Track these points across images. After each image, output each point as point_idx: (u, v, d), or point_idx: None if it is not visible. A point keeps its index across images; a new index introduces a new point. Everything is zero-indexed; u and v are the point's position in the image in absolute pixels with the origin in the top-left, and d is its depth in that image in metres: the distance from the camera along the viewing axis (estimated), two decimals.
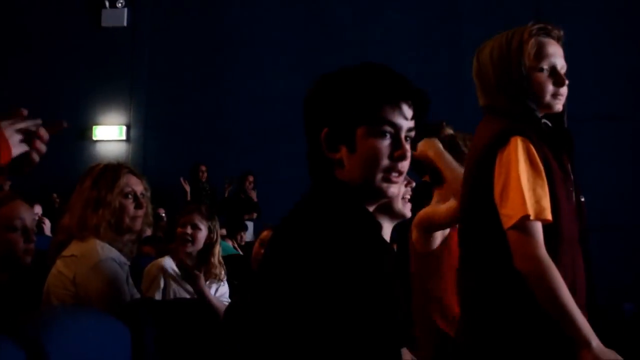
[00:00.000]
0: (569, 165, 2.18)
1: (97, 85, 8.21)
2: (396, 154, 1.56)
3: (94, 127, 8.31)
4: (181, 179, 6.99)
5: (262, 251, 3.82)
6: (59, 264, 2.49)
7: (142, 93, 8.25)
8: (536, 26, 2.21)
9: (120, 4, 8.27)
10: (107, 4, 8.28)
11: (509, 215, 2.06)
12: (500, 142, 2.13)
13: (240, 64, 7.84)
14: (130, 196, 2.60)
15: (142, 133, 8.29)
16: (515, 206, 2.06)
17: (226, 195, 7.51)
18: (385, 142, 1.55)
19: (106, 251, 2.49)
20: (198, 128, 7.88)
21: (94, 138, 8.32)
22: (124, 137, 8.29)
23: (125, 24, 8.32)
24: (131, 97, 8.30)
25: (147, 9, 8.20)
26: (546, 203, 2.07)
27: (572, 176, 2.19)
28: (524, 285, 2.04)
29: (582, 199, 2.21)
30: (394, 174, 1.56)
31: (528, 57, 2.21)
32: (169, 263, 3.42)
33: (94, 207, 2.53)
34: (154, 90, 8.16)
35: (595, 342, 1.99)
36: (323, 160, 1.57)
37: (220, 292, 3.47)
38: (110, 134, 8.30)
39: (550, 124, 2.26)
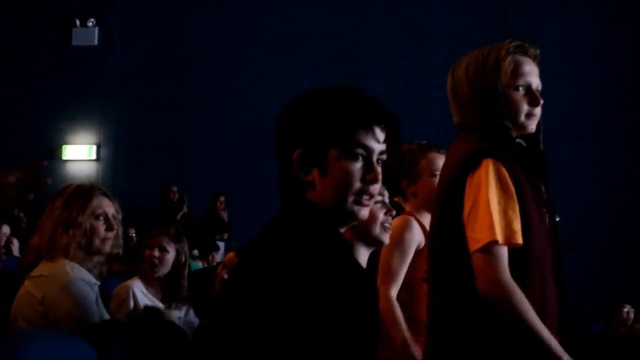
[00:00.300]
0: (542, 186, 2.18)
1: (67, 104, 8.16)
2: (368, 177, 1.56)
3: (63, 146, 8.25)
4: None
5: (224, 273, 3.80)
6: (27, 284, 2.46)
7: (112, 112, 8.21)
8: (513, 44, 2.21)
9: (91, 23, 8.24)
10: (77, 22, 8.24)
11: (476, 238, 2.05)
12: (472, 163, 2.12)
13: (211, 83, 7.83)
14: (101, 218, 2.58)
15: (113, 152, 8.24)
16: (483, 230, 2.05)
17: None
18: (358, 165, 1.55)
19: (76, 272, 2.46)
20: (169, 147, 7.85)
21: (64, 157, 8.25)
22: (94, 157, 8.23)
23: (95, 42, 8.28)
24: (101, 117, 8.25)
25: (118, 27, 8.18)
26: (517, 226, 2.07)
27: (545, 197, 2.19)
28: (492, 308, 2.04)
29: (557, 219, 2.21)
30: (365, 197, 1.57)
31: (505, 74, 2.20)
32: (138, 285, 3.39)
33: (64, 227, 2.50)
34: (124, 109, 8.12)
35: (566, 357, 1.99)
36: (294, 182, 1.56)
37: (190, 315, 3.44)
38: (80, 153, 8.24)
39: (524, 144, 2.26)
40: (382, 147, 1.59)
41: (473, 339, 2.11)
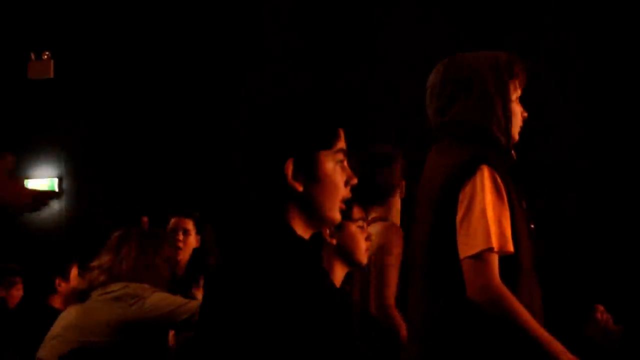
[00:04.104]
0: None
1: (27, 138, 8.05)
2: (352, 181, 1.57)
3: (24, 180, 8.12)
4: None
5: None
6: None
7: (73, 145, 8.12)
8: (516, 57, 2.25)
9: (46, 56, 8.15)
10: (32, 56, 8.16)
11: (469, 244, 2.07)
12: (468, 169, 2.14)
13: (172, 113, 7.78)
14: None
15: (75, 185, 8.14)
16: (478, 236, 2.07)
17: None
18: (340, 170, 1.56)
19: None
20: (134, 178, 7.78)
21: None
22: (55, 190, 8.12)
23: (52, 75, 8.18)
24: (62, 149, 8.16)
25: (74, 60, 8.10)
26: (509, 234, 2.10)
27: (524, 204, 2.22)
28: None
29: (532, 226, 2.24)
30: (343, 202, 1.57)
31: (514, 88, 2.23)
32: None
33: None
34: (85, 141, 8.04)
35: (564, 356, 2.01)
36: (280, 194, 1.55)
37: None
38: (41, 186, 8.09)
39: (514, 154, 2.29)
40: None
41: (465, 346, 2.12)
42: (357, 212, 2.72)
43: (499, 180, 2.12)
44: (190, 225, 4.42)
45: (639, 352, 4.29)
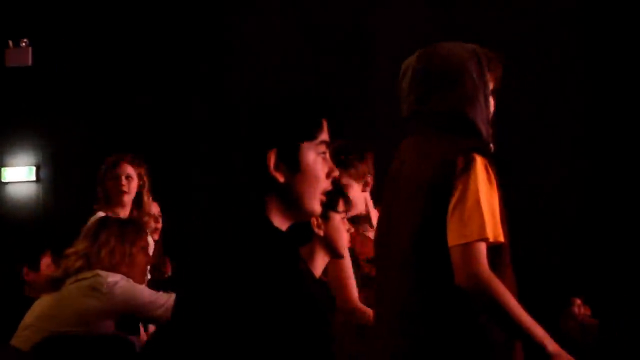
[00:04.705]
0: None
1: (4, 126, 8.01)
2: (333, 173, 1.56)
3: (2, 168, 8.07)
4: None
5: None
6: None
7: (50, 132, 8.06)
8: (490, 50, 2.26)
9: (24, 43, 8.07)
10: (10, 43, 8.07)
11: (463, 233, 2.06)
12: (462, 159, 2.12)
13: (152, 100, 7.73)
14: None
15: (53, 173, 8.08)
16: (473, 226, 2.06)
17: None
18: (322, 162, 1.55)
19: None
20: None
21: (3, 180, 8.07)
22: (33, 178, 8.07)
23: (30, 63, 8.10)
24: (39, 137, 8.09)
25: (53, 47, 8.03)
26: (499, 224, 2.10)
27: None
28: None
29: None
30: (324, 193, 1.56)
31: (496, 80, 2.25)
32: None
33: None
34: (63, 129, 7.97)
35: (551, 346, 2.01)
36: (261, 184, 1.54)
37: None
38: (19, 175, 8.06)
39: (493, 146, 2.29)
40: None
41: (453, 334, 2.11)
42: (341, 205, 2.73)
43: (490, 170, 2.12)
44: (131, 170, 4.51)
45: (615, 345, 4.32)
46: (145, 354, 3.01)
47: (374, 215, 3.44)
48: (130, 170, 4.44)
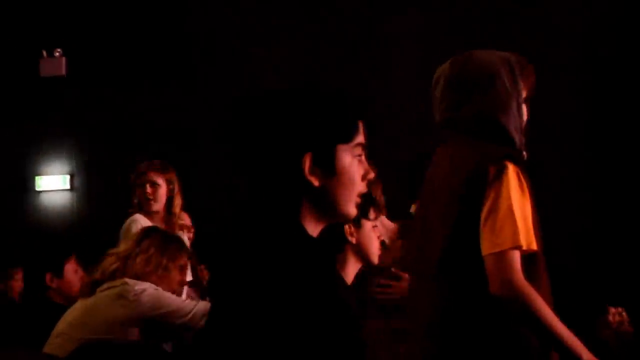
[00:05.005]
0: None
1: (38, 135, 8.08)
2: (369, 175, 1.54)
3: (36, 177, 8.15)
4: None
5: None
6: None
7: (84, 141, 8.13)
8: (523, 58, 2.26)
9: (58, 53, 8.15)
10: (44, 53, 8.15)
11: (496, 242, 2.05)
12: (494, 165, 2.11)
13: (185, 109, 7.76)
14: None
15: (87, 181, 8.15)
16: (505, 234, 2.05)
17: None
18: (358, 164, 1.53)
19: None
20: None
21: (37, 189, 8.15)
22: (67, 187, 8.14)
23: (64, 72, 8.18)
24: (73, 146, 8.17)
25: (86, 57, 8.10)
26: (533, 232, 2.09)
27: None
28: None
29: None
30: (359, 196, 1.54)
31: (528, 89, 2.24)
32: (141, 218, 4.16)
33: None
34: (97, 138, 8.04)
35: (585, 355, 2.00)
36: (296, 190, 1.51)
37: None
38: (53, 183, 8.14)
39: (525, 153, 2.28)
40: None
41: (485, 341, 2.10)
42: (372, 212, 2.73)
43: (522, 177, 2.11)
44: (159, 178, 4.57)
45: None
46: None
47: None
48: (156, 177, 4.50)
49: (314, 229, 1.53)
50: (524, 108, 2.30)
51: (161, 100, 7.79)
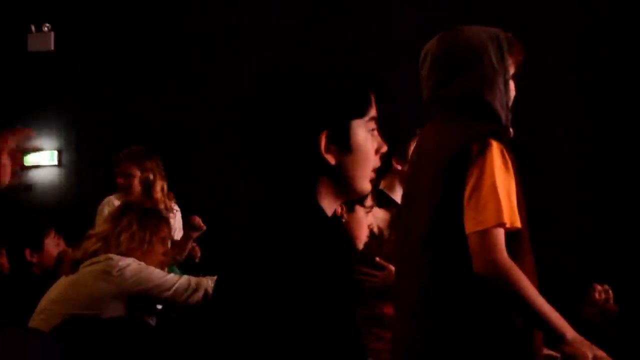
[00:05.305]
0: None
1: (26, 111, 8.02)
2: (382, 149, 1.53)
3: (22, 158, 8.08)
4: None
5: None
6: None
7: (72, 117, 8.09)
8: (510, 35, 2.25)
9: (46, 28, 8.08)
10: (32, 28, 8.09)
11: (479, 220, 2.05)
12: (478, 143, 2.11)
13: (170, 88, 7.72)
14: None
15: (74, 157, 8.13)
16: (489, 212, 2.05)
17: None
18: (372, 138, 1.52)
19: None
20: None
21: (25, 164, 8.10)
22: (55, 162, 8.11)
23: (52, 47, 8.12)
24: (61, 121, 8.12)
25: (75, 31, 8.04)
26: (516, 209, 2.09)
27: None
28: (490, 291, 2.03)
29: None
30: (374, 170, 1.54)
31: (516, 64, 2.23)
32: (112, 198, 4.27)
33: None
34: (85, 114, 8.00)
35: (570, 333, 2.00)
36: (311, 166, 1.49)
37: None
38: (41, 159, 8.11)
39: (512, 130, 2.28)
40: None
41: (469, 319, 2.10)
42: (369, 200, 2.71)
43: (506, 154, 2.10)
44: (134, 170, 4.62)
45: (637, 332, 4.28)
46: (188, 333, 3.04)
47: None
48: (128, 169, 4.60)
49: (329, 207, 1.52)
50: (512, 85, 2.28)
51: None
